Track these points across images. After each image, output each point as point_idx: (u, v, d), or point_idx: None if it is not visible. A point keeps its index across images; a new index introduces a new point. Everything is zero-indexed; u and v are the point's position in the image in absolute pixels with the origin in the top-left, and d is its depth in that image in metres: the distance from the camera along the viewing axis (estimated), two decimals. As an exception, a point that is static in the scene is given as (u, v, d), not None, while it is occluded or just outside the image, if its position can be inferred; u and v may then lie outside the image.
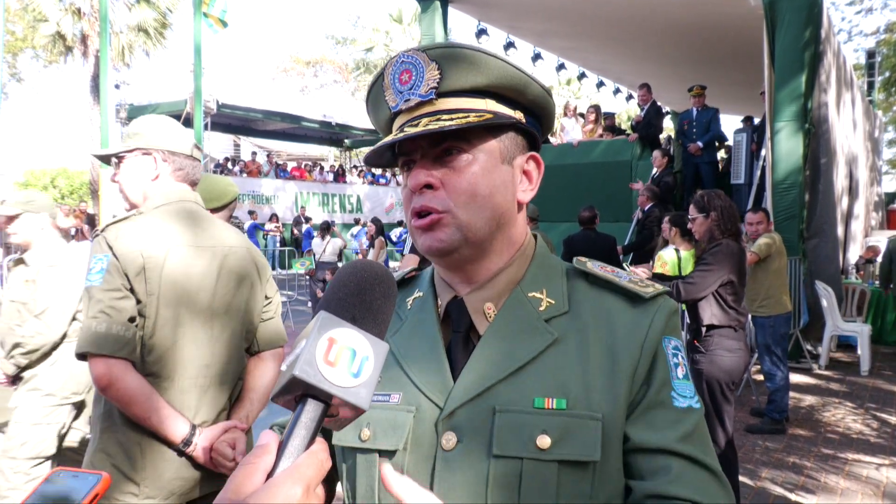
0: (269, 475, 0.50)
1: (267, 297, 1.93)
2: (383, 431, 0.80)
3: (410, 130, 0.78)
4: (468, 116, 0.78)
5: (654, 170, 8.60)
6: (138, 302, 1.62)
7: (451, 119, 0.78)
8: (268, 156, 23.79)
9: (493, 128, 0.82)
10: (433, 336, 0.85)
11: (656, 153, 8.55)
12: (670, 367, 0.80)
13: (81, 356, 1.56)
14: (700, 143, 8.71)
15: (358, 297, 0.59)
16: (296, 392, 0.53)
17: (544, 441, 0.74)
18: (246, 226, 17.00)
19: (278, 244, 17.44)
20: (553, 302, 0.83)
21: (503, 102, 0.83)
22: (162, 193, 1.76)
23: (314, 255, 10.34)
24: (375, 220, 11.37)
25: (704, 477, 0.76)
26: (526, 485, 0.74)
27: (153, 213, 1.71)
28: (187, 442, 1.62)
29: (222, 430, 1.70)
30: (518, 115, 0.84)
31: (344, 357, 0.53)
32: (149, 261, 1.62)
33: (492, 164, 0.81)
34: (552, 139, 11.32)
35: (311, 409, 0.53)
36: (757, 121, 9.27)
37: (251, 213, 17.91)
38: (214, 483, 1.71)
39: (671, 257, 4.76)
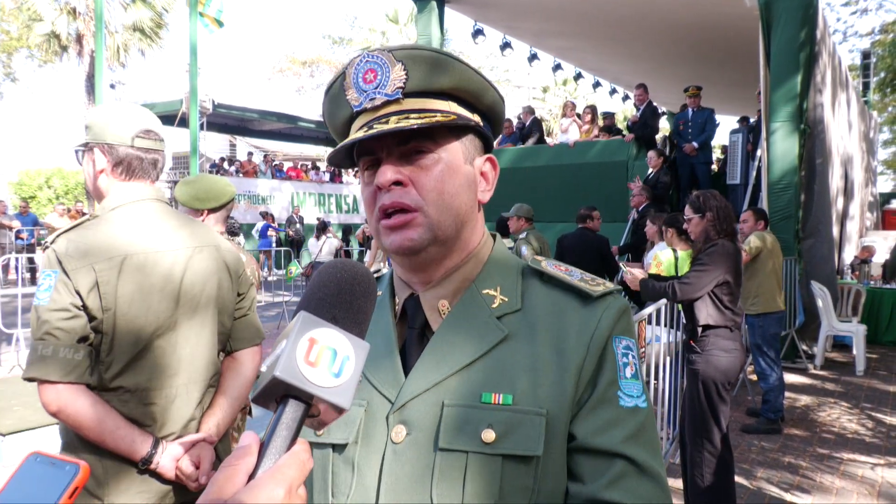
0: (251, 476, 0.50)
1: (239, 294, 1.82)
2: (336, 426, 0.82)
3: (381, 128, 0.78)
4: (435, 116, 0.80)
5: (650, 170, 8.62)
6: (93, 319, 1.52)
7: (421, 118, 0.79)
8: (265, 157, 23.75)
9: (456, 129, 0.84)
10: (387, 333, 0.87)
11: (651, 153, 8.56)
12: (618, 367, 0.81)
13: (29, 380, 1.48)
14: (696, 144, 8.74)
15: (338, 296, 0.59)
16: (277, 393, 0.53)
17: (489, 435, 0.76)
18: (259, 226, 17.01)
19: (274, 245, 17.40)
20: (506, 299, 0.85)
21: (463, 105, 0.85)
22: (115, 193, 1.65)
23: (311, 255, 10.34)
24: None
25: (644, 482, 0.76)
26: (470, 477, 0.75)
27: (107, 218, 1.61)
28: (147, 460, 1.54)
29: (189, 444, 1.62)
30: (476, 118, 0.87)
31: (325, 357, 0.53)
32: (101, 274, 1.52)
33: (456, 164, 0.84)
34: (549, 140, 11.34)
35: (292, 410, 0.52)
36: (753, 121, 9.30)
37: (264, 214, 17.90)
38: (188, 493, 1.64)
39: (668, 257, 4.76)
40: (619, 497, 0.74)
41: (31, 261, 12.55)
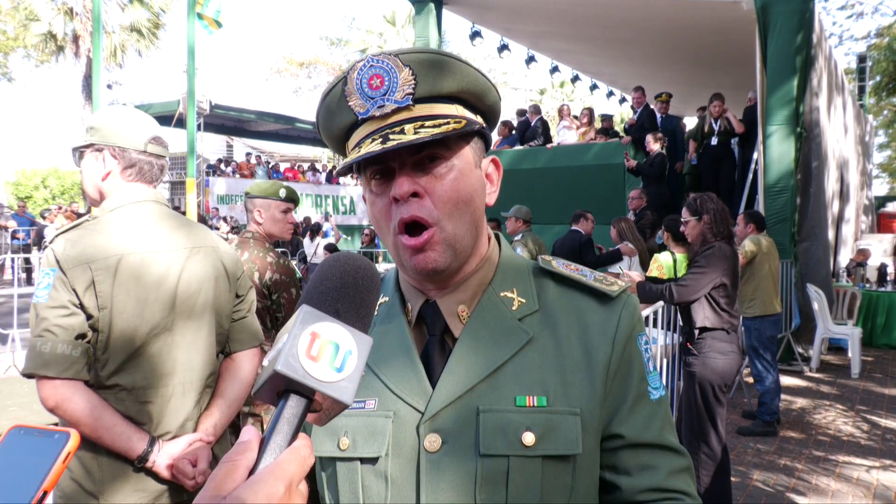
0: (252, 472, 0.49)
1: (238, 296, 1.83)
2: (363, 439, 0.81)
3: (400, 138, 0.75)
4: (448, 123, 0.78)
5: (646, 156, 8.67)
6: (90, 317, 1.54)
7: (437, 126, 0.77)
8: (257, 157, 23.70)
9: (465, 133, 0.83)
10: (405, 341, 0.85)
11: (649, 137, 8.42)
12: (645, 364, 0.86)
13: (29, 376, 1.50)
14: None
15: (341, 290, 0.58)
16: (278, 387, 0.52)
17: (529, 438, 0.77)
18: (325, 228, 17.03)
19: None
20: (524, 301, 0.86)
21: (467, 107, 0.84)
22: (116, 194, 1.68)
23: (306, 256, 10.33)
24: (328, 247, 10.85)
25: (680, 464, 0.84)
26: (513, 480, 0.76)
27: (106, 218, 1.63)
28: (143, 458, 1.56)
29: (186, 444, 1.63)
30: (478, 119, 0.86)
31: (327, 351, 0.52)
32: (98, 274, 1.54)
33: (468, 170, 0.83)
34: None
35: (294, 405, 0.52)
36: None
37: (327, 216, 17.80)
38: (184, 493, 1.64)
39: (667, 260, 4.76)
40: (677, 484, 0.82)
41: (27, 261, 12.50)
